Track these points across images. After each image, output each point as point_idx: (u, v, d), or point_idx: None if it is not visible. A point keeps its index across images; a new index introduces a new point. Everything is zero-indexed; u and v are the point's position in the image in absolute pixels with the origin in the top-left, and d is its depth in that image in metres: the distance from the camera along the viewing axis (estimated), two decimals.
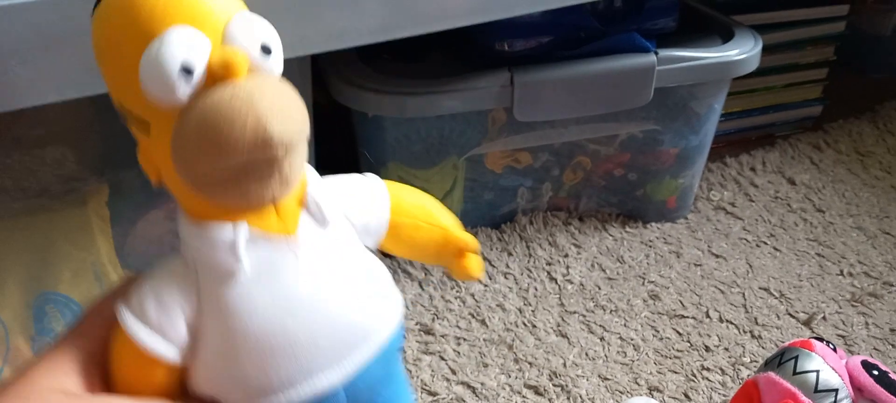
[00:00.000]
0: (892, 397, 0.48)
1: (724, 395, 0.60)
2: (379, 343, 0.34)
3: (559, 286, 0.71)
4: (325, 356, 0.32)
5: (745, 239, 0.78)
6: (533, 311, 0.68)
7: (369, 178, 0.36)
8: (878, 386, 0.48)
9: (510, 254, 0.75)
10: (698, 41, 0.71)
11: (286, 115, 0.28)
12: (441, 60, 0.68)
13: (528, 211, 0.79)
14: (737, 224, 0.81)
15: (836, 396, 0.47)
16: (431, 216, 0.38)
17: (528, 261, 0.74)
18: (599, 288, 0.71)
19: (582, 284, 0.71)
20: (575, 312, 0.68)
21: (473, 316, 0.67)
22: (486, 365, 0.62)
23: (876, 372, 0.49)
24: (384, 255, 0.37)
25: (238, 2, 0.31)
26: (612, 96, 0.67)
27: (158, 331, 0.31)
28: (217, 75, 0.28)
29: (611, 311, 0.68)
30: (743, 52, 0.70)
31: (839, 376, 0.48)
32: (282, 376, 0.32)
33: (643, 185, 0.78)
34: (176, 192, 0.31)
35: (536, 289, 0.71)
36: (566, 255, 0.75)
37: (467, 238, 0.38)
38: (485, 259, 0.74)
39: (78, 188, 0.57)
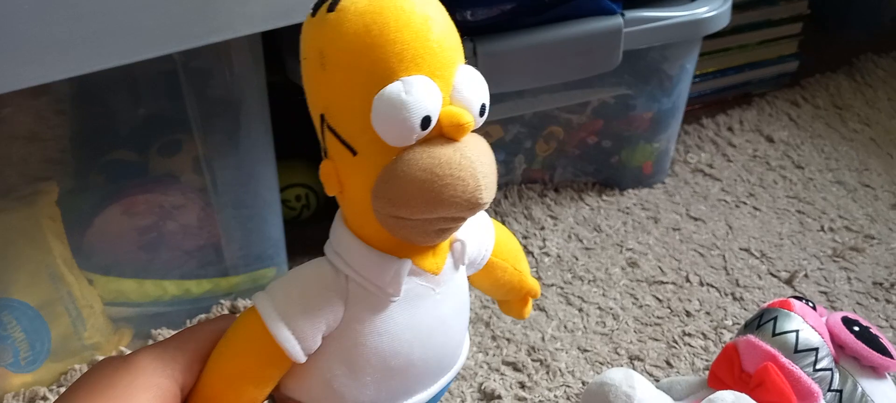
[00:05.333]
0: (874, 352, 0.47)
1: (707, 360, 0.59)
2: (458, 368, 0.38)
3: (536, 259, 0.70)
4: (426, 379, 0.36)
5: (724, 201, 0.77)
6: None
7: (481, 215, 0.38)
8: (859, 342, 0.47)
9: None
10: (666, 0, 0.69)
11: (493, 181, 0.31)
12: None
13: (502, 185, 0.77)
14: (715, 185, 0.79)
15: (816, 355, 0.46)
16: (518, 261, 0.40)
17: None
18: (577, 259, 0.69)
19: (559, 256, 0.70)
20: (552, 284, 0.67)
21: None
22: None
23: (857, 328, 0.48)
24: None
25: (462, 53, 0.32)
26: (580, 62, 0.65)
27: (298, 336, 0.32)
28: (446, 132, 0.29)
29: (589, 281, 0.67)
30: (712, 9, 0.68)
31: (819, 334, 0.46)
32: (390, 392, 0.35)
33: (618, 152, 0.77)
34: (352, 211, 0.33)
35: None
36: (542, 228, 0.73)
37: (536, 286, 0.42)
38: None
39: (35, 188, 0.55)
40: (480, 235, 0.37)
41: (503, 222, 0.74)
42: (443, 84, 0.29)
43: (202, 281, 0.63)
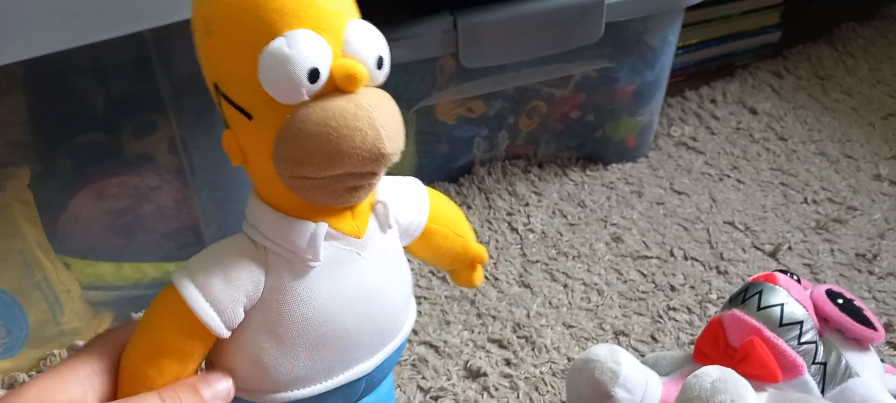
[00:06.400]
0: (858, 324, 0.47)
1: (692, 334, 0.59)
2: (402, 338, 0.37)
3: (520, 236, 0.69)
4: (365, 348, 0.35)
5: (708, 174, 0.77)
6: (494, 263, 0.66)
7: (413, 182, 0.38)
8: (843, 315, 0.47)
9: (469, 207, 0.73)
10: None
11: (397, 132, 0.30)
12: (380, 7, 0.65)
13: (486, 161, 0.76)
14: (699, 158, 0.79)
15: (801, 328, 0.46)
16: (458, 227, 0.40)
17: (488, 213, 0.72)
18: (561, 235, 0.69)
19: (543, 232, 0.69)
20: (537, 261, 0.66)
21: (434, 274, 0.65)
22: (448, 323, 0.61)
23: (841, 301, 0.48)
24: None
25: (353, 8, 0.31)
26: (562, 34, 0.64)
27: (218, 309, 0.31)
28: (339, 85, 0.29)
29: (573, 257, 0.66)
30: None
31: (804, 308, 0.46)
32: (325, 363, 0.33)
33: (601, 126, 0.76)
34: (259, 179, 0.32)
35: (497, 241, 0.69)
36: (526, 204, 0.73)
37: (482, 251, 0.41)
38: None
39: (5, 173, 0.54)
40: (411, 201, 0.37)
41: (487, 199, 0.73)
42: (331, 38, 0.29)
43: (181, 263, 0.62)
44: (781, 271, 0.49)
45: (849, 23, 0.99)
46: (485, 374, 0.56)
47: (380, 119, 0.29)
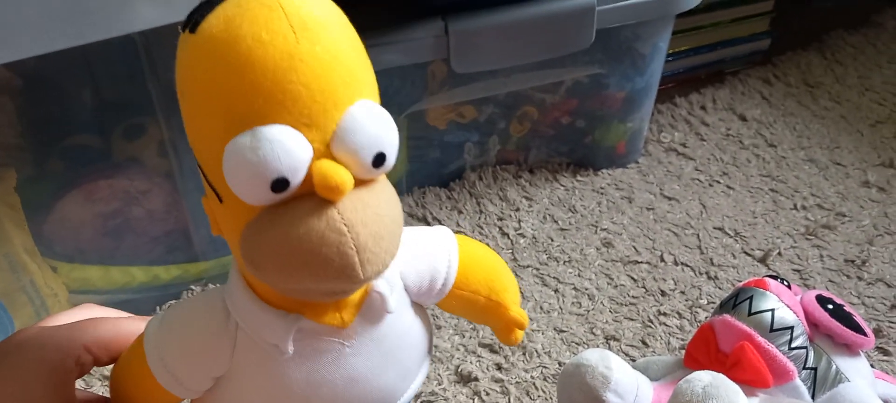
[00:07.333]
0: (848, 329, 0.47)
1: (682, 339, 0.59)
2: None
3: (511, 240, 0.69)
4: None
5: (698, 180, 0.77)
6: None
7: (439, 238, 0.33)
8: (833, 320, 0.47)
9: (460, 212, 0.72)
10: None
11: (379, 251, 0.25)
12: (370, 12, 0.65)
13: (477, 166, 0.76)
14: (689, 164, 0.79)
15: (792, 333, 0.46)
16: (493, 290, 0.35)
17: (480, 218, 0.72)
18: (552, 240, 0.69)
19: (534, 237, 0.69)
20: (528, 266, 0.66)
21: None
22: (439, 328, 0.60)
23: (831, 306, 0.48)
24: None
25: (361, 85, 0.25)
26: (553, 40, 0.64)
27: (180, 379, 0.30)
28: (318, 192, 0.24)
29: (564, 262, 0.66)
30: None
31: (794, 313, 0.46)
32: None
33: (592, 132, 0.76)
34: (238, 258, 0.28)
35: (488, 246, 0.68)
36: (517, 209, 0.73)
37: (520, 318, 0.36)
38: (434, 219, 0.72)
39: None
40: (430, 266, 0.32)
41: (478, 204, 0.73)
42: (316, 133, 0.24)
43: (171, 267, 0.62)
44: (772, 276, 0.49)
45: (838, 31, 0.99)
46: (476, 379, 0.56)
47: (355, 241, 0.24)
